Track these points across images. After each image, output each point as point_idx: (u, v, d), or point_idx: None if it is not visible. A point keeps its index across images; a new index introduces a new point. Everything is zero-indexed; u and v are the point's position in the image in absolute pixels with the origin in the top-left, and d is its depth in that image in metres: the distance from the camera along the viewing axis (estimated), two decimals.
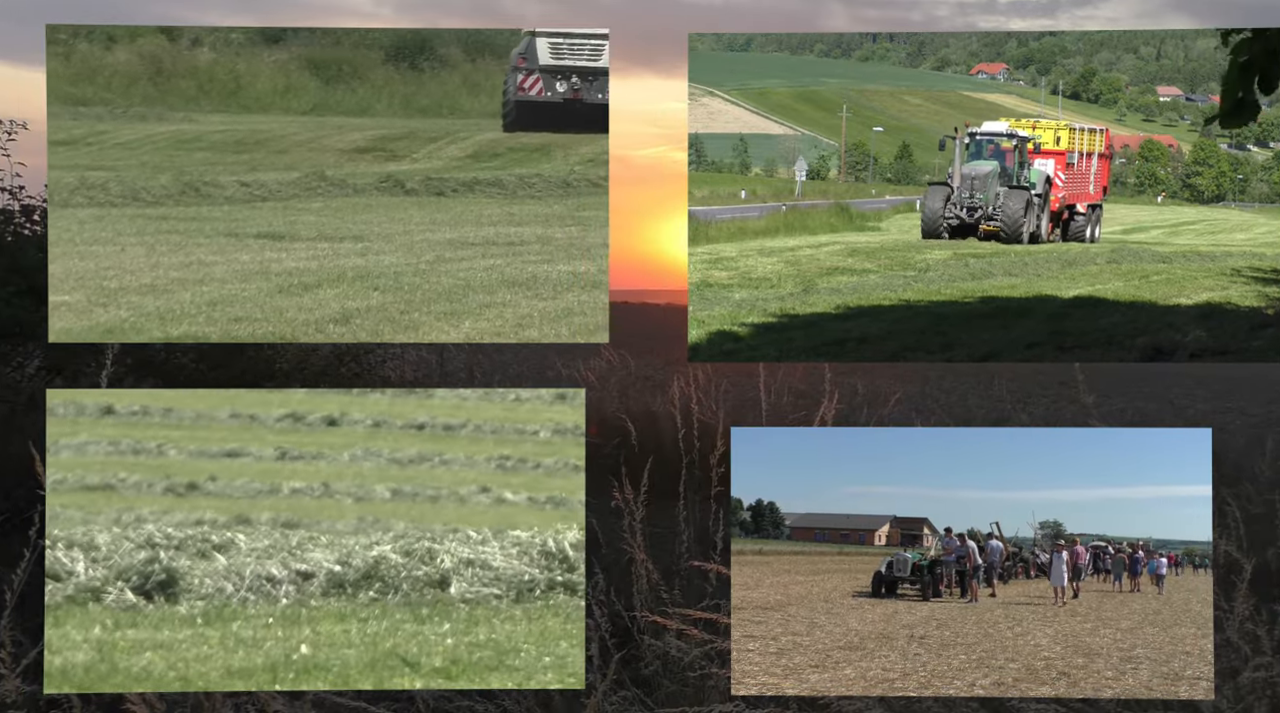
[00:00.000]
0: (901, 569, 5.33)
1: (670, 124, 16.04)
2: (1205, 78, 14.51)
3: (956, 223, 11.09)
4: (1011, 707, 4.36)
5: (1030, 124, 12.03)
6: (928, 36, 15.61)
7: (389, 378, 11.45)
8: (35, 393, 8.07)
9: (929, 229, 11.17)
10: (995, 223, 11.09)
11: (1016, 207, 11.16)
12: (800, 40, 15.71)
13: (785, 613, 5.00)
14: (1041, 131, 11.91)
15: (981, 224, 11.08)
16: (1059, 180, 11.59)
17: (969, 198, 11.24)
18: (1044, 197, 11.59)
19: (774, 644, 4.55)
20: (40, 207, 9.36)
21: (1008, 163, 11.78)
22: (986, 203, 11.22)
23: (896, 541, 5.28)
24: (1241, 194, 12.71)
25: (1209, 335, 6.65)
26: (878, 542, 5.35)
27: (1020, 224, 11.12)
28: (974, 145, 12.26)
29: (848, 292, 7.74)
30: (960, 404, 13.45)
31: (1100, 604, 5.28)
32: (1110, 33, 15.95)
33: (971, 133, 12.25)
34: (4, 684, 4.33)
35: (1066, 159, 11.81)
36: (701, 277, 7.72)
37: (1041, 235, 11.24)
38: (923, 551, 5.23)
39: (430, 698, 4.64)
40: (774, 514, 4.80)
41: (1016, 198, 11.24)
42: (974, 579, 5.23)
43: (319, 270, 6.50)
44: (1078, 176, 11.85)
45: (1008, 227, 11.02)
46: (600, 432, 9.14)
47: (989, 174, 11.42)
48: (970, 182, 11.42)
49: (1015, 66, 14.88)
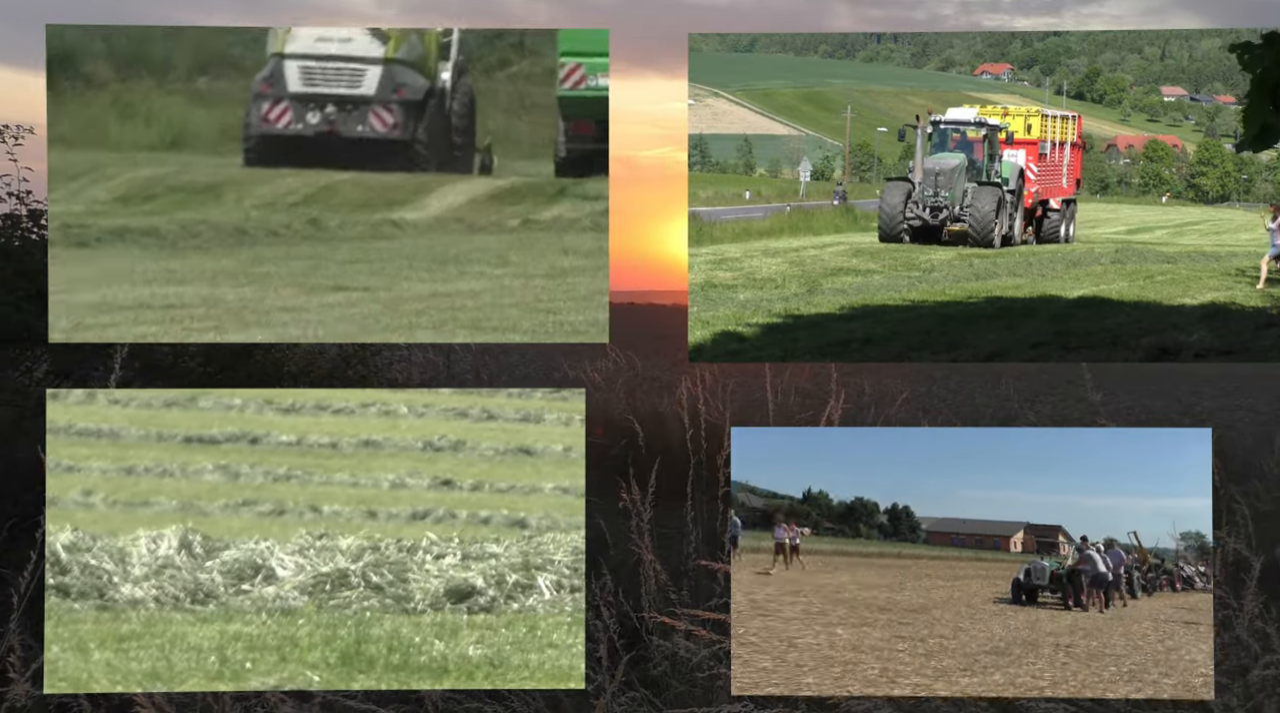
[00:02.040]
0: (1040, 577, 5.29)
1: (672, 125, 16.05)
2: (1210, 78, 14.49)
3: (919, 224, 10.04)
4: (1021, 706, 4.36)
5: (1001, 111, 11.14)
6: (932, 37, 15.63)
7: (396, 380, 11.47)
8: (43, 397, 8.09)
9: (887, 231, 10.05)
10: (963, 223, 10.01)
11: (987, 205, 10.08)
12: (804, 41, 15.72)
13: (930, 616, 4.98)
14: (1011, 119, 11.01)
15: (947, 225, 10.03)
16: (1031, 173, 10.65)
17: (932, 195, 10.18)
18: (1017, 193, 10.50)
19: (922, 647, 4.55)
20: (46, 211, 9.38)
21: (976, 155, 10.74)
22: (952, 201, 10.15)
23: (1031, 547, 5.23)
24: (1246, 194, 12.69)
25: (1214, 335, 6.64)
26: (1012, 548, 5.32)
27: (991, 225, 9.99)
28: (938, 136, 11.16)
29: (852, 292, 7.74)
30: (967, 403, 13.45)
31: None
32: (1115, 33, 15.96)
33: (935, 121, 11.17)
34: (13, 688, 4.34)
35: (1039, 150, 10.89)
36: (706, 277, 7.73)
37: (1014, 236, 10.23)
38: (1060, 559, 5.19)
39: (438, 699, 4.64)
40: (910, 518, 4.80)
41: (987, 195, 10.17)
42: (1115, 590, 5.15)
43: None
44: (1050, 169, 10.93)
45: (977, 228, 9.94)
46: (607, 432, 9.15)
47: (955, 169, 10.41)
48: (934, 177, 10.32)
49: (1019, 67, 14.86)
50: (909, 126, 11.18)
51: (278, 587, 4.84)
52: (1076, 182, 11.23)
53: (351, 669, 4.32)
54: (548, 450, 7.01)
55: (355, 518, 5.94)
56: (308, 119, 8.69)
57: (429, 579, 4.89)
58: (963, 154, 10.64)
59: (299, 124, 8.74)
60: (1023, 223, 10.34)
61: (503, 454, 7.06)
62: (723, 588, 5.12)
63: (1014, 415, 12.59)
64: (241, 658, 4.37)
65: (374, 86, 8.97)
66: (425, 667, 4.36)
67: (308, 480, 6.51)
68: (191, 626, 4.60)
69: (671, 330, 15.02)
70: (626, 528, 5.50)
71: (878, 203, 10.44)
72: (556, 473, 6.32)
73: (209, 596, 4.82)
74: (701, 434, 6.60)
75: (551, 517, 5.36)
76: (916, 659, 4.41)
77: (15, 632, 4.53)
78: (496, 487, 6.52)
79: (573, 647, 4.49)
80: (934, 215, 10.02)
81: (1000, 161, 10.73)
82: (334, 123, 8.76)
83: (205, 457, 6.70)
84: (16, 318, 8.38)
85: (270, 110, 8.74)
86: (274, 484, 6.46)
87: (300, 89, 8.74)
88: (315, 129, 8.74)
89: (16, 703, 4.32)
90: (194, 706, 4.55)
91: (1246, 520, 5.83)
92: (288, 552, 5.05)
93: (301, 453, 6.97)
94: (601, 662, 4.66)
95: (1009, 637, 4.81)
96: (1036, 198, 10.63)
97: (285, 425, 7.29)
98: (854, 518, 5.05)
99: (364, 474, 6.69)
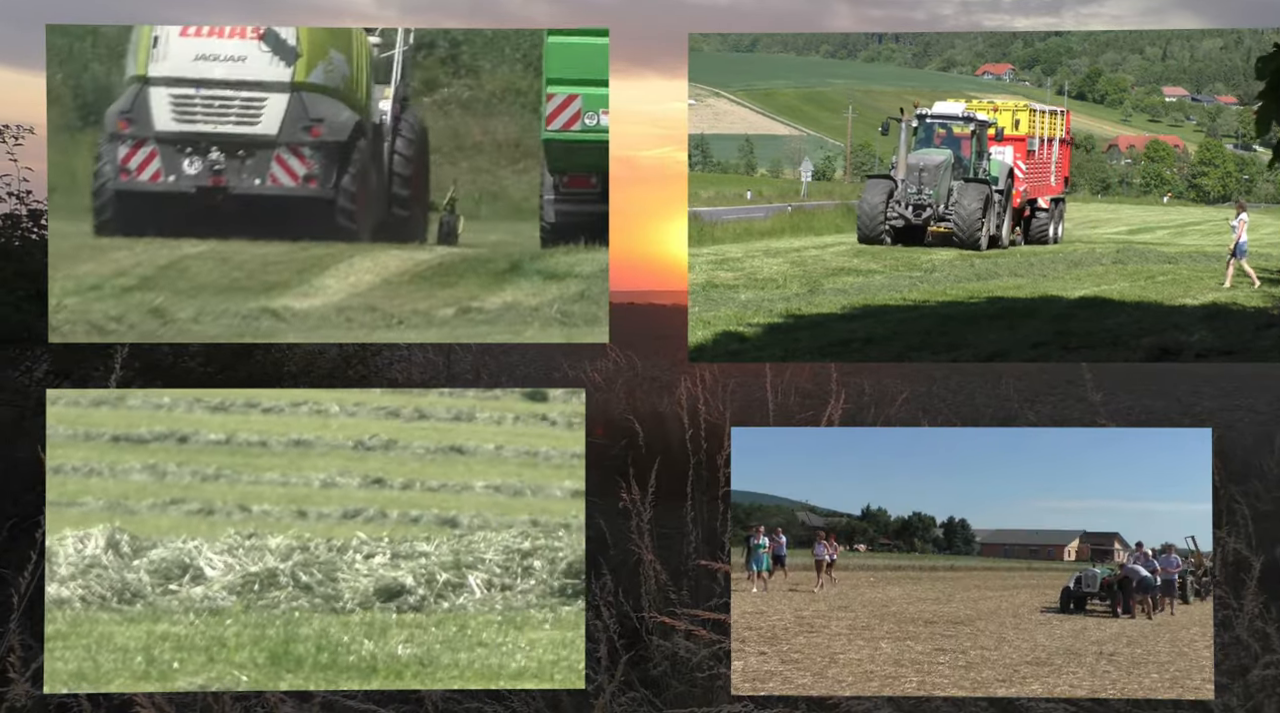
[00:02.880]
0: (1090, 585, 5.23)
1: (672, 124, 16.04)
2: (1211, 78, 14.48)
3: (901, 224, 9.53)
4: (1021, 706, 4.36)
5: (990, 106, 10.71)
6: (933, 37, 15.62)
7: (396, 380, 11.46)
8: (43, 397, 8.08)
9: (867, 232, 9.54)
10: (948, 224, 9.51)
11: (973, 204, 9.53)
12: (806, 41, 15.71)
13: (974, 628, 4.96)
14: (1000, 114, 10.59)
15: (931, 225, 9.55)
16: (1020, 171, 10.22)
17: (916, 193, 9.70)
18: (1005, 192, 10.00)
19: (963, 658, 4.54)
20: (46, 211, 9.38)
21: (963, 152, 10.31)
22: (937, 199, 9.69)
23: (1086, 555, 5.19)
24: (1247, 194, 12.67)
25: (1215, 336, 6.64)
26: (1067, 557, 5.29)
27: (978, 225, 9.45)
28: (923, 130, 10.71)
29: (853, 292, 7.74)
30: (967, 403, 13.43)
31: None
32: (1116, 33, 15.94)
33: (921, 115, 10.75)
34: (14, 688, 4.34)
35: (1027, 146, 10.47)
36: (707, 277, 7.72)
37: (1002, 238, 9.72)
38: (1113, 566, 5.14)
39: (438, 699, 4.63)
40: (964, 531, 4.77)
41: (973, 193, 9.64)
42: (1166, 596, 5.10)
43: None
44: (1039, 166, 10.50)
45: (962, 228, 9.42)
46: (607, 432, 9.13)
47: (940, 165, 9.94)
48: (918, 174, 9.86)
49: (1021, 67, 14.85)
50: (893, 119, 10.74)
51: (206, 587, 4.79)
52: (1065, 179, 10.87)
53: (279, 669, 4.29)
54: (480, 450, 6.94)
55: (285, 517, 5.86)
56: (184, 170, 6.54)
57: (358, 579, 4.85)
58: (949, 150, 10.23)
59: (171, 177, 6.59)
60: (1011, 223, 9.92)
61: (434, 453, 6.96)
62: (723, 588, 5.12)
63: (1014, 415, 12.57)
64: (169, 658, 4.34)
65: (277, 123, 6.74)
66: (354, 667, 4.33)
67: (236, 480, 6.41)
68: (118, 626, 4.57)
69: (671, 330, 15.02)
70: (626, 528, 5.49)
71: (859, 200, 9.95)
72: (490, 471, 6.29)
73: (136, 595, 4.77)
74: (701, 434, 6.59)
75: (483, 516, 5.35)
76: (956, 672, 4.41)
77: (15, 632, 4.53)
78: (428, 485, 6.45)
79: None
80: (917, 214, 9.56)
81: (988, 159, 10.30)
82: (221, 174, 6.56)
83: (133, 456, 6.56)
84: (16, 318, 8.37)
85: (130, 157, 6.60)
86: (202, 484, 6.34)
87: (173, 127, 6.57)
88: (194, 183, 6.55)
89: (16, 703, 4.31)
90: (194, 706, 4.55)
91: (1246, 520, 5.83)
92: (216, 551, 4.97)
93: (231, 452, 6.82)
94: (601, 662, 4.66)
95: (1052, 646, 4.77)
96: (1025, 197, 10.22)
97: (214, 424, 7.04)
98: (909, 533, 5.06)
99: (294, 474, 6.58)
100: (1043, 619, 5.19)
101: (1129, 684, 4.33)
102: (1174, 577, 5.01)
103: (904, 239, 9.43)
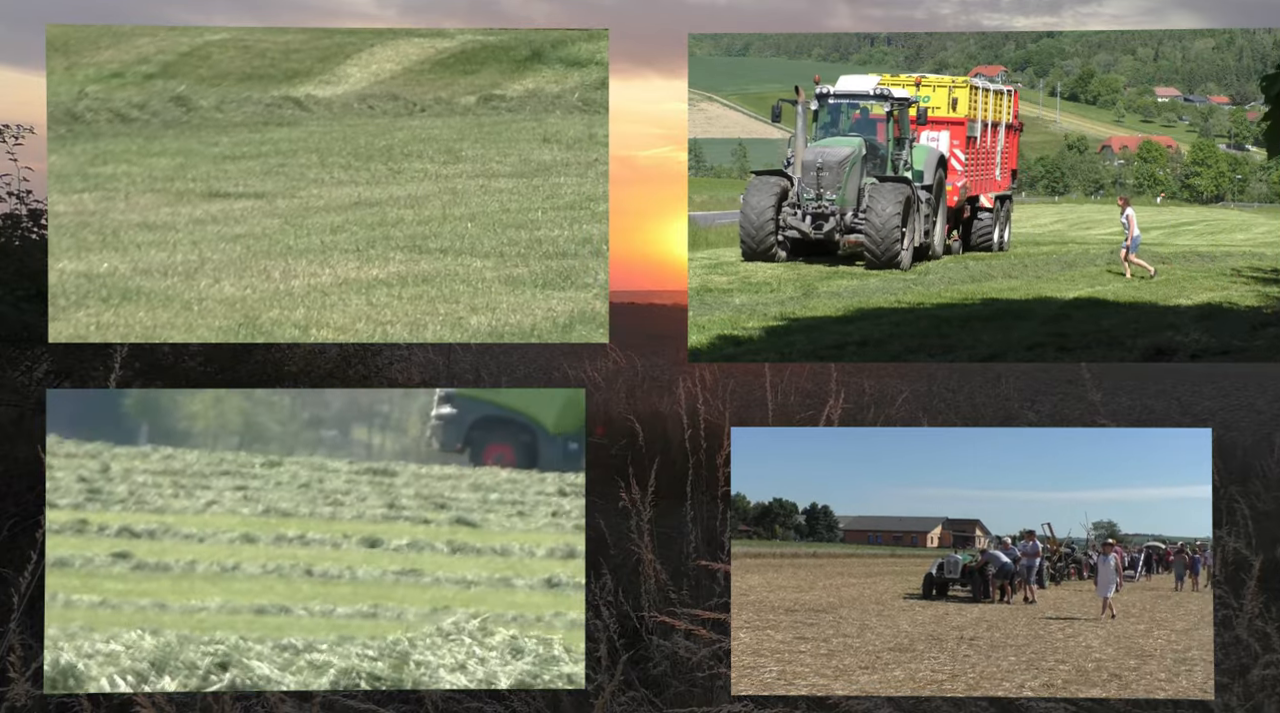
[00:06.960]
0: (952, 571, 5.29)
1: (671, 124, 15.98)
2: (1203, 78, 14.52)
3: (797, 236, 7.44)
4: (1021, 706, 4.38)
5: (913, 81, 8.22)
6: (925, 39, 15.62)
7: (396, 379, 11.47)
8: (43, 397, 8.09)
9: (752, 244, 7.46)
10: (859, 235, 7.36)
11: (888, 210, 7.29)
12: (798, 44, 15.72)
13: (837, 615, 4.99)
14: (929, 91, 8.14)
15: (838, 237, 7.44)
16: (958, 162, 8.12)
17: (814, 200, 7.53)
18: (936, 189, 7.74)
19: (825, 646, 4.56)
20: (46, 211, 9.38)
21: (878, 138, 7.95)
22: (842, 205, 7.50)
23: (949, 542, 5.24)
24: (1240, 194, 12.71)
25: (1209, 336, 6.67)
26: (930, 544, 5.32)
27: (895, 236, 7.25)
28: (828, 113, 8.27)
29: (847, 296, 7.74)
30: (967, 403, 13.44)
31: (1154, 605, 5.23)
32: (1108, 34, 15.97)
33: (823, 93, 8.31)
34: (13, 688, 4.34)
35: (967, 132, 8.15)
36: (702, 281, 7.72)
37: (934, 246, 7.65)
38: (973, 552, 5.20)
39: (438, 699, 4.64)
40: (828, 517, 4.79)
41: (888, 195, 7.38)
42: (1024, 581, 5.19)
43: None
44: (981, 157, 8.35)
45: (876, 242, 7.28)
46: (607, 432, 9.14)
47: (846, 160, 7.64)
48: (815, 173, 7.61)
49: (1013, 68, 14.87)
50: (785, 102, 8.33)
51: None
52: (1012, 173, 8.86)
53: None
54: None
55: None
56: None
57: None
58: (858, 138, 7.88)
59: None
60: (945, 227, 7.82)
61: None
62: (723, 588, 5.14)
63: (1014, 415, 12.60)
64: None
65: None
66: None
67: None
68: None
69: (671, 331, 15.04)
70: (626, 528, 5.51)
71: None
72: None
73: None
74: (701, 434, 6.61)
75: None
76: (818, 660, 4.42)
77: (15, 632, 4.53)
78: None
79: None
80: (816, 227, 7.39)
81: (911, 148, 7.89)
82: None
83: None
84: (15, 317, 8.38)
85: None
86: None
87: None
88: None
89: (16, 703, 4.32)
90: (194, 706, 4.55)
91: (1246, 520, 5.86)
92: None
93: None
94: (601, 661, 4.67)
95: (915, 632, 4.83)
96: (964, 195, 8.07)
97: None
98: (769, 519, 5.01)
99: None
100: (905, 606, 5.29)
101: (989, 669, 4.38)
102: (1033, 563, 5.12)
103: (803, 253, 7.51)
